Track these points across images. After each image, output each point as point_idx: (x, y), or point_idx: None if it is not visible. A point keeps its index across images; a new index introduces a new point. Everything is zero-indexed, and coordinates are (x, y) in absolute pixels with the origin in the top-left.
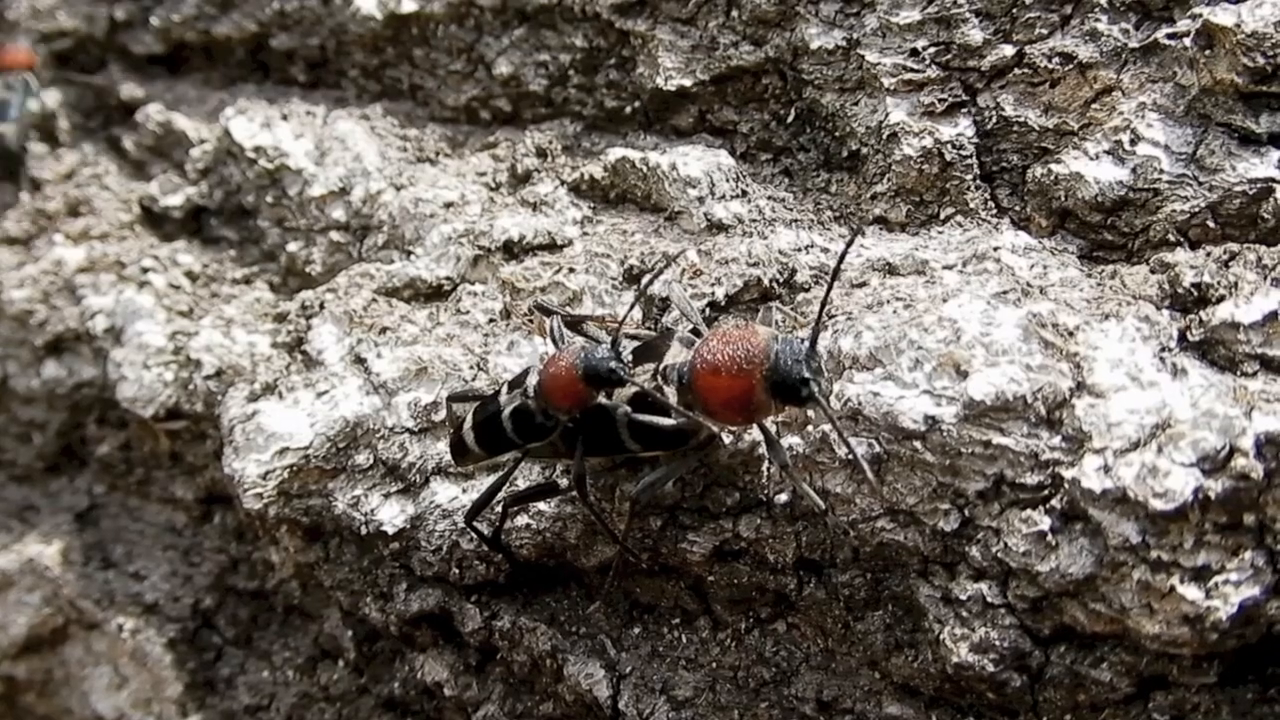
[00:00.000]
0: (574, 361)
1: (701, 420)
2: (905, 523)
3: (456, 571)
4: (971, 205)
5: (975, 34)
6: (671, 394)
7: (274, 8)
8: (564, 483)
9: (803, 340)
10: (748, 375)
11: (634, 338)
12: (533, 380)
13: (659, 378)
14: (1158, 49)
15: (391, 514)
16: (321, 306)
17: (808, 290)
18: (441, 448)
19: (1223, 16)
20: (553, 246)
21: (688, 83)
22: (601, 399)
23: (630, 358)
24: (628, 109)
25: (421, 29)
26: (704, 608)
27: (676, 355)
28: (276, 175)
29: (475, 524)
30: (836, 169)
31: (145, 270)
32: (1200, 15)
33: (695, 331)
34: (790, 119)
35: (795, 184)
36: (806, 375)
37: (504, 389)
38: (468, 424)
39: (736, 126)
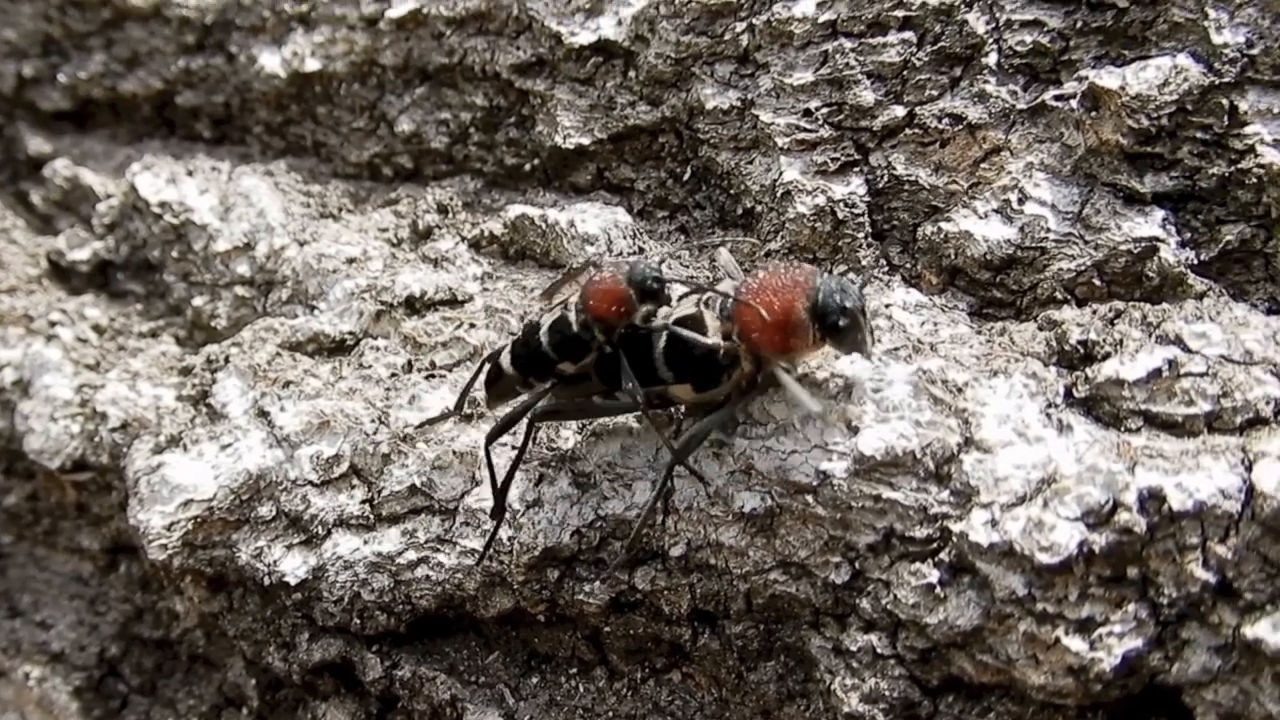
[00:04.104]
0: (619, 270)
1: (738, 345)
2: (797, 575)
3: (358, 622)
4: (864, 262)
5: (867, 95)
6: (713, 321)
7: (179, 65)
8: (598, 400)
9: (852, 279)
10: (791, 297)
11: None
12: (574, 296)
13: (702, 305)
14: (1045, 110)
15: (294, 565)
16: (226, 360)
17: None
18: (343, 499)
19: (1108, 79)
20: (454, 302)
21: (586, 141)
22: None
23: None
24: (527, 166)
25: (325, 87)
26: (601, 657)
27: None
28: (182, 230)
29: (491, 448)
30: (732, 226)
31: (53, 324)
32: (1086, 78)
33: None
34: (686, 177)
35: (691, 241)
36: (848, 305)
37: (543, 315)
38: (505, 351)
39: (634, 184)
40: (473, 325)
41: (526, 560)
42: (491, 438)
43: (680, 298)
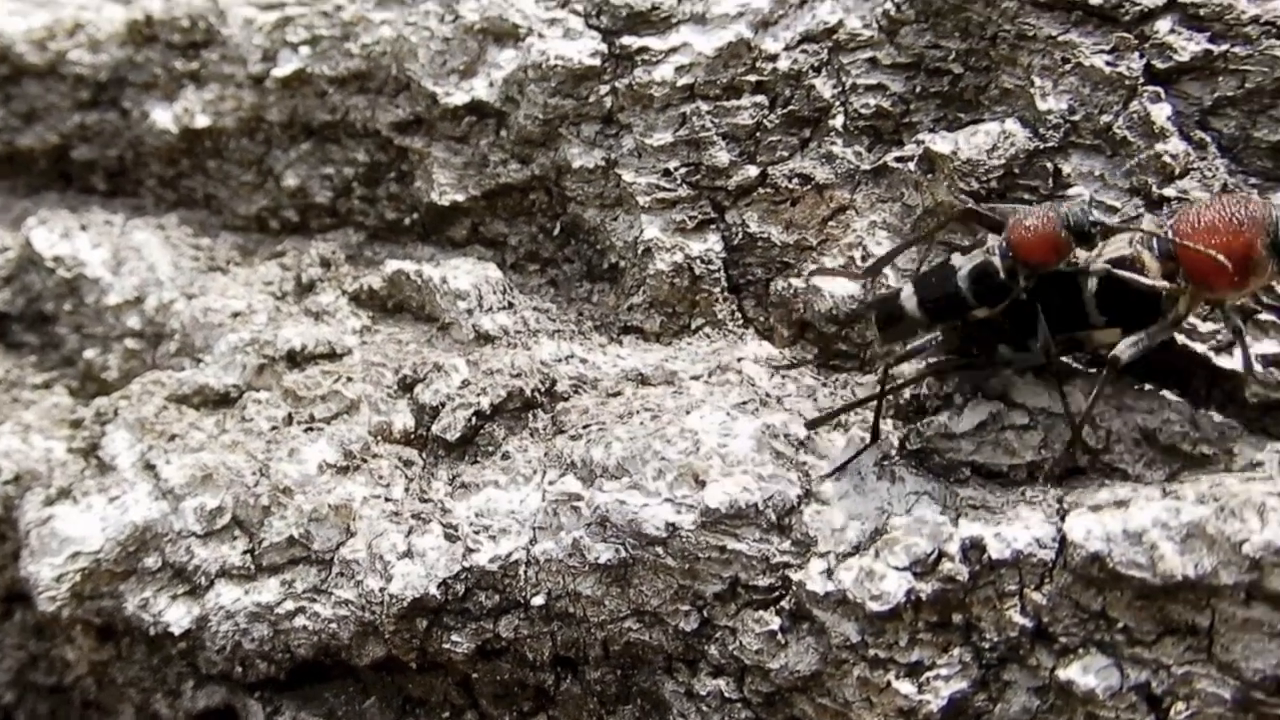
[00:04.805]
0: (1054, 213)
1: (1183, 286)
2: (650, 623)
3: (240, 669)
4: (720, 316)
5: (722, 155)
6: (1151, 261)
7: (75, 120)
8: (1018, 355)
9: None
10: (1249, 233)
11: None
12: (995, 240)
13: (1135, 246)
14: (887, 171)
15: (178, 615)
16: (115, 413)
17: (567, 399)
18: (225, 550)
19: (941, 144)
20: (332, 355)
21: (460, 198)
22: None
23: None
24: (407, 220)
25: (215, 141)
26: (471, 702)
27: (1153, 225)
28: (75, 284)
29: (893, 373)
30: (599, 280)
31: None
32: (922, 141)
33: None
34: (556, 232)
35: (560, 294)
36: None
37: (953, 256)
38: (907, 291)
39: (507, 239)
40: (349, 379)
41: (396, 611)
42: (894, 364)
43: (1106, 238)
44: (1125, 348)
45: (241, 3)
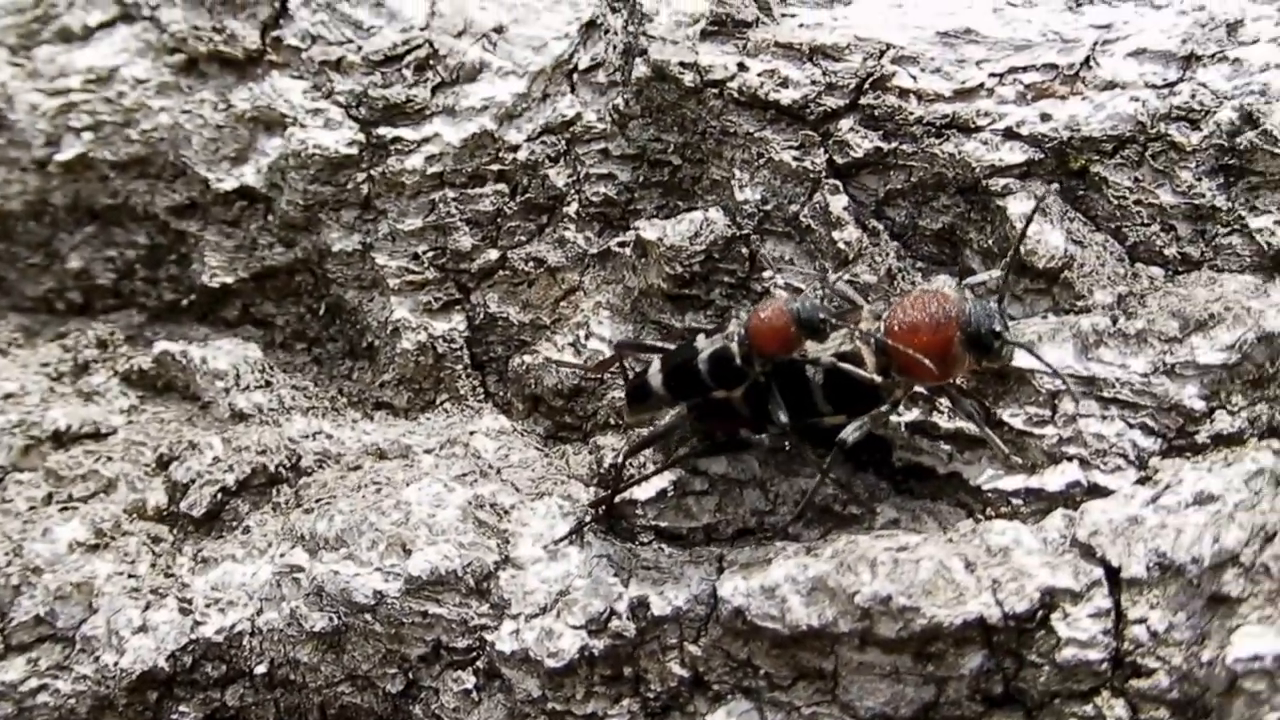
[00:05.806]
0: (786, 307)
1: (896, 382)
2: (362, 686)
3: None
4: (462, 392)
5: (466, 240)
6: (869, 356)
7: None
8: (756, 436)
9: (990, 300)
10: (946, 331)
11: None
12: (736, 326)
13: (855, 340)
14: (610, 255)
15: None
16: None
17: (311, 474)
18: None
19: (650, 231)
20: (97, 435)
21: (230, 280)
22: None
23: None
24: (184, 302)
25: (2, 224)
26: None
27: (868, 323)
28: None
29: (627, 463)
30: (359, 358)
31: None
32: (636, 228)
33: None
34: (321, 312)
35: (323, 371)
36: (998, 328)
37: (699, 338)
38: (654, 369)
39: (275, 319)
40: (110, 458)
41: (127, 684)
42: (630, 453)
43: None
44: (851, 431)
45: (28, 88)
